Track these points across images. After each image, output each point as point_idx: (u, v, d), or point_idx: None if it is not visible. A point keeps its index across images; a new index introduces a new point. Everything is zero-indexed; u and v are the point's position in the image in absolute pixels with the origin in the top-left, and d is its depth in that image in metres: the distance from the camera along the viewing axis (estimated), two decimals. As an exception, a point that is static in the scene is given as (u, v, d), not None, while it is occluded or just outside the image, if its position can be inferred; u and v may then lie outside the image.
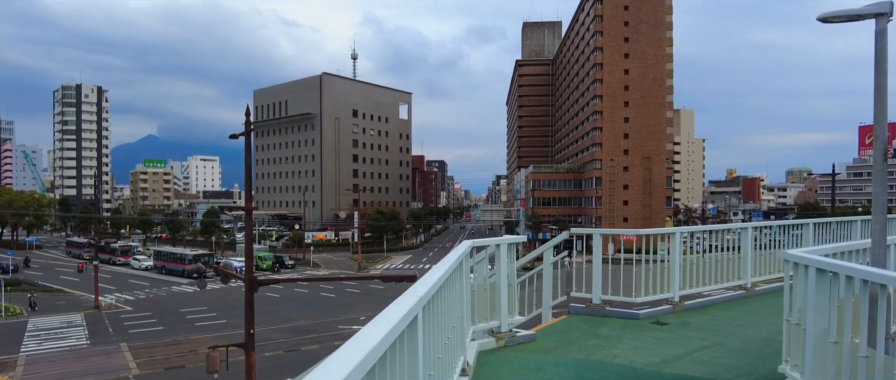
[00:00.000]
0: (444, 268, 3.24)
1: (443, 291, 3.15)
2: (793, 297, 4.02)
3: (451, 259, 3.67)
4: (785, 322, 4.13)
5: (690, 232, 7.36)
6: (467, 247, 4.59)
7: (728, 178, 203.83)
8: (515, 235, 6.17)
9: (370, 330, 1.66)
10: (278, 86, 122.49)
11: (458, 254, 4.02)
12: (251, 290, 15.18)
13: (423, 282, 2.64)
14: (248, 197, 15.01)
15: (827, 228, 8.80)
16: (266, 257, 64.84)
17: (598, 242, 6.80)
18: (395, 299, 2.25)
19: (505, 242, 5.65)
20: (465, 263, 4.42)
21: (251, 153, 15.05)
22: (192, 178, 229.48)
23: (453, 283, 3.69)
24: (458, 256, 3.93)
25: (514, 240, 5.87)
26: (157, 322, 36.03)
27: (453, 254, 3.98)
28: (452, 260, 3.64)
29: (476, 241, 5.16)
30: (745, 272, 7.71)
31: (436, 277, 2.85)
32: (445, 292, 3.28)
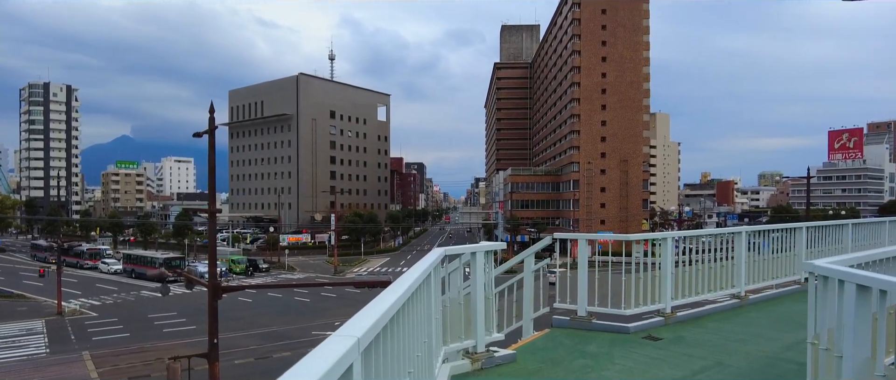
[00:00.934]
0: (405, 285, 2.70)
1: (402, 315, 2.59)
2: (818, 315, 3.47)
3: (415, 273, 3.13)
4: (810, 346, 3.60)
5: (683, 237, 6.81)
6: (437, 256, 4.04)
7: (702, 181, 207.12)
8: (493, 242, 5.52)
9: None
10: (254, 86, 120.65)
11: (424, 266, 3.46)
12: (214, 297, 14.44)
13: (367, 312, 2.07)
14: (212, 199, 14.30)
15: (820, 232, 8.40)
16: (239, 261, 63.48)
17: (583, 249, 6.24)
18: (326, 340, 1.67)
19: (481, 249, 5.02)
20: (433, 275, 3.85)
21: (214, 153, 14.34)
22: (166, 179, 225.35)
23: (416, 303, 3.08)
24: (425, 270, 3.35)
25: (491, 247, 5.25)
26: (123, 329, 34.76)
27: (420, 265, 3.45)
28: (416, 275, 3.09)
29: (448, 248, 4.58)
30: (739, 280, 7.22)
31: (389, 300, 2.29)
32: (406, 316, 2.72)
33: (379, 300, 2.28)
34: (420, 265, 3.44)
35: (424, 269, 3.37)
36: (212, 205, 14.39)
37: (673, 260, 6.39)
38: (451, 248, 4.62)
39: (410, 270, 3.30)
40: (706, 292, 6.83)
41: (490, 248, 5.20)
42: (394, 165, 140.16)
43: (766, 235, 7.77)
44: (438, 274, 4.07)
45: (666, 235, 6.46)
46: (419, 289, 3.15)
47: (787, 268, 7.92)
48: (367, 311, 2.06)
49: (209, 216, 14.62)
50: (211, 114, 14.26)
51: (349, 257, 79.19)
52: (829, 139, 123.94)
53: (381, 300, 2.28)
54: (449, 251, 4.51)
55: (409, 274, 3.06)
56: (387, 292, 2.50)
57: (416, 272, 3.14)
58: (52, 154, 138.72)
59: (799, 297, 7.71)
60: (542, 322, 6.52)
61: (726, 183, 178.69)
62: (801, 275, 8.03)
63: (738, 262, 7.17)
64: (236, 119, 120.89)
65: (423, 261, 3.68)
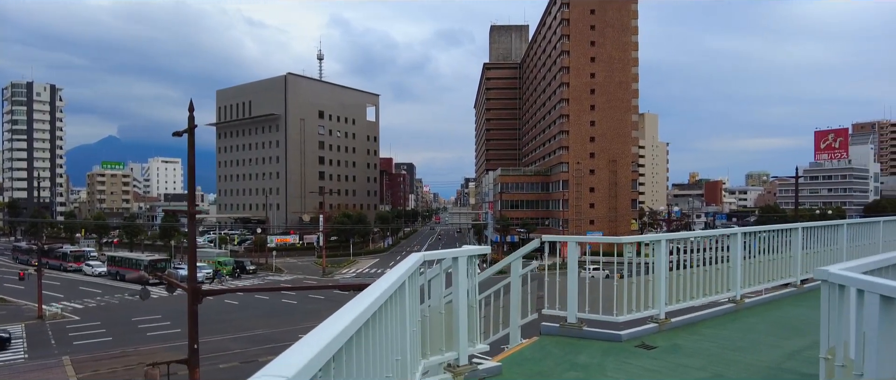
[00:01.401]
0: (370, 298, 2.36)
1: (366, 333, 2.24)
2: (832, 328, 3.19)
3: (385, 283, 2.81)
4: (823, 361, 3.31)
5: (677, 238, 6.48)
6: (414, 263, 3.70)
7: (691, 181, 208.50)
8: (478, 246, 5.15)
9: None
10: (242, 86, 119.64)
11: (398, 274, 3.11)
12: (195, 301, 14.02)
13: (309, 341, 1.62)
14: (191, 200, 13.88)
15: (815, 232, 8.13)
16: (226, 262, 62.73)
17: (573, 252, 5.85)
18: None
19: (463, 254, 4.63)
20: (409, 284, 3.51)
21: (194, 152, 13.92)
22: (153, 180, 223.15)
23: (386, 316, 2.72)
24: (397, 278, 3.01)
25: (475, 251, 4.82)
26: (105, 332, 34.08)
27: (393, 274, 3.12)
28: (386, 285, 2.76)
29: (427, 254, 4.23)
30: (735, 283, 6.90)
31: (344, 321, 1.89)
32: (372, 333, 2.38)
33: (331, 322, 1.89)
34: (393, 273, 3.11)
35: (397, 277, 3.04)
36: (191, 206, 13.97)
37: (667, 263, 6.07)
38: (430, 252, 4.27)
39: (381, 278, 2.98)
40: (701, 297, 6.50)
41: (474, 252, 4.81)
42: (383, 165, 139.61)
43: (760, 236, 7.46)
44: (415, 282, 3.73)
45: (659, 237, 6.10)
46: (390, 300, 2.82)
47: (782, 270, 7.66)
48: (308, 340, 1.66)
49: (188, 218, 14.20)
50: (190, 112, 13.84)
51: (338, 258, 78.58)
52: (816, 139, 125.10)
53: (333, 322, 1.90)
54: (428, 256, 4.15)
55: (378, 284, 2.74)
56: (346, 309, 2.14)
57: (386, 282, 2.80)
58: (36, 155, 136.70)
59: (795, 300, 7.47)
60: (530, 330, 6.21)
61: (714, 183, 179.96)
62: (797, 278, 7.79)
63: (734, 264, 6.85)
64: (224, 119, 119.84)
65: (397, 268, 3.36)
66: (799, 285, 7.79)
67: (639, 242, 6.06)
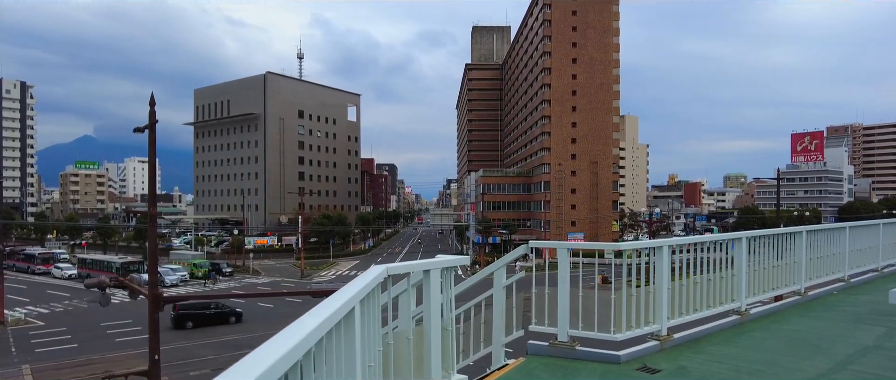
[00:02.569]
0: (305, 329, 1.77)
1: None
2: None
3: (330, 307, 2.12)
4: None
5: (678, 245, 5.79)
6: (374, 278, 2.98)
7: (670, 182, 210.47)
8: (454, 256, 4.20)
9: None
10: (220, 85, 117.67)
11: (349, 294, 2.41)
12: (155, 308, 13.18)
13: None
14: (152, 200, 13.05)
15: (818, 236, 7.59)
16: (201, 265, 61.27)
17: (564, 261, 5.13)
18: None
19: (436, 266, 3.91)
20: (364, 308, 2.74)
21: (155, 150, 13.09)
22: (130, 180, 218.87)
23: (329, 353, 2.09)
24: (346, 302, 2.29)
25: (450, 262, 4.11)
26: (71, 339, 32.74)
27: (343, 294, 2.43)
28: (331, 311, 2.07)
29: (393, 266, 3.47)
30: (740, 293, 6.26)
31: (262, 365, 1.39)
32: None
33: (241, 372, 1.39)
34: (344, 294, 2.42)
35: (343, 302, 2.34)
36: (152, 207, 13.13)
37: (669, 273, 5.40)
38: (396, 265, 3.51)
39: (327, 301, 2.30)
40: (705, 309, 5.84)
41: (449, 263, 4.09)
42: (365, 166, 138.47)
43: (763, 241, 6.84)
44: (374, 304, 3.03)
45: (661, 243, 5.41)
46: (334, 332, 2.14)
47: (787, 277, 7.10)
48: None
49: (149, 219, 13.36)
50: (151, 107, 13.01)
51: (317, 260, 77.45)
52: (792, 142, 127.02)
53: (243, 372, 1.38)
54: (394, 270, 3.43)
55: (318, 312, 2.05)
56: (260, 353, 1.58)
57: (332, 306, 2.13)
58: (6, 154, 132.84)
59: (803, 311, 6.88)
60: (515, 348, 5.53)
61: (693, 185, 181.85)
62: (801, 285, 7.25)
63: (739, 272, 6.21)
64: (202, 118, 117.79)
65: (351, 285, 2.68)
66: (803, 294, 7.26)
67: (639, 250, 5.39)
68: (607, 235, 79.60)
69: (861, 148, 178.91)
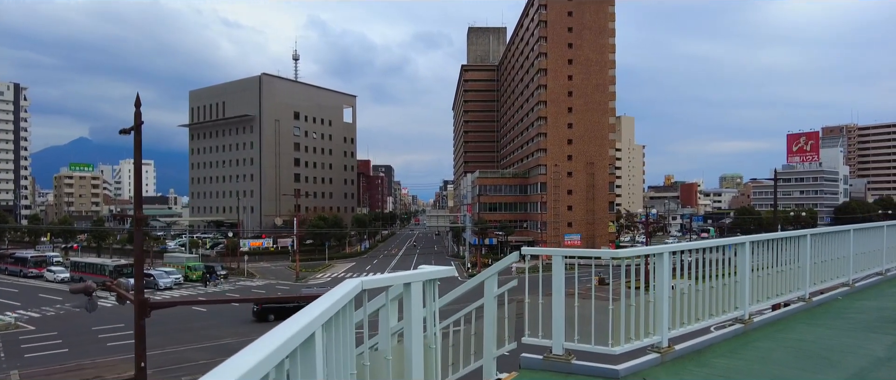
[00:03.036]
0: (259, 354, 1.55)
1: None
2: None
3: (291, 328, 1.82)
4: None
5: (679, 250, 5.46)
6: (348, 292, 2.68)
7: (666, 183, 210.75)
8: (439, 267, 3.86)
9: None
10: (216, 86, 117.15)
11: (316, 312, 2.11)
12: (141, 314, 12.85)
13: None
14: (138, 203, 12.73)
15: (823, 239, 7.29)
16: (196, 267, 60.86)
17: (559, 269, 4.80)
18: None
19: (418, 279, 3.56)
20: (339, 324, 2.50)
21: (141, 152, 12.77)
22: (125, 182, 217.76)
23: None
24: (306, 325, 1.96)
25: (433, 275, 3.77)
26: (62, 344, 32.33)
27: (312, 310, 2.14)
28: (291, 332, 1.78)
29: (369, 280, 3.11)
30: (743, 300, 5.91)
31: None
32: None
33: None
34: (312, 310, 2.13)
35: (312, 319, 2.02)
36: (138, 211, 12.82)
37: (670, 280, 5.08)
38: (373, 278, 3.18)
39: (290, 321, 2.01)
40: (708, 318, 5.52)
41: (431, 276, 3.73)
42: (361, 167, 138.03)
43: (767, 244, 6.51)
44: (345, 322, 2.72)
45: (661, 249, 5.07)
46: (292, 359, 1.84)
47: (791, 283, 6.80)
48: None
49: (135, 223, 13.04)
50: (137, 107, 12.70)
51: (313, 262, 77.05)
52: (788, 142, 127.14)
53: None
54: (370, 284, 3.09)
55: (269, 340, 1.73)
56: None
57: (285, 333, 1.81)
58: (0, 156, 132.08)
59: (809, 319, 6.56)
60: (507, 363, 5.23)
61: (690, 185, 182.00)
62: (805, 291, 6.96)
63: (742, 278, 5.89)
64: (197, 120, 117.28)
65: (315, 305, 2.38)
66: (808, 300, 6.97)
67: (638, 256, 5.07)
68: (604, 236, 79.45)
69: (856, 148, 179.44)
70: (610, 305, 4.65)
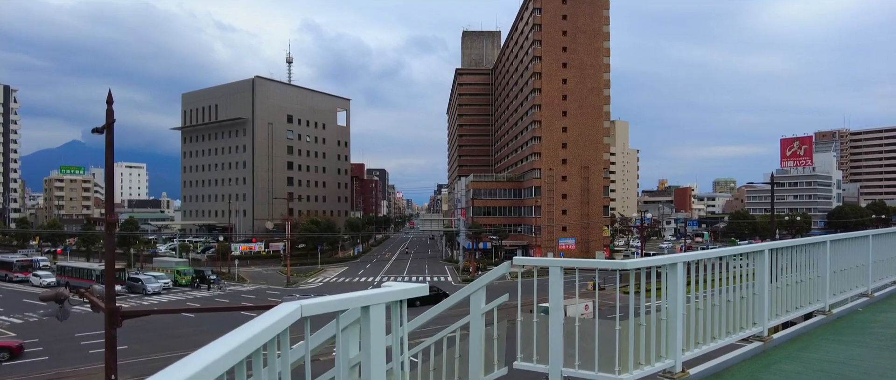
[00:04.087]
0: None
1: None
2: None
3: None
4: None
5: (694, 260, 4.72)
6: (280, 320, 2.02)
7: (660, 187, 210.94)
8: (408, 284, 3.00)
9: None
10: (208, 89, 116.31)
11: (230, 346, 1.66)
12: (112, 323, 12.15)
13: None
14: (109, 206, 12.06)
15: (842, 246, 6.66)
16: (185, 272, 59.91)
17: (556, 281, 4.11)
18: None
19: (379, 300, 2.73)
20: (268, 364, 1.93)
21: (112, 151, 12.11)
22: (117, 185, 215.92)
23: None
24: (211, 363, 1.51)
25: (399, 294, 2.91)
26: (43, 351, 31.45)
27: (224, 344, 1.69)
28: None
29: (309, 303, 2.29)
30: (761, 315, 5.23)
31: None
32: None
33: None
34: (216, 349, 1.62)
35: (210, 362, 1.50)
36: (109, 215, 12.14)
37: (684, 295, 4.36)
38: (312, 302, 2.32)
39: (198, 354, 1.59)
40: (724, 336, 4.83)
41: (397, 296, 2.90)
42: (355, 171, 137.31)
43: (785, 252, 5.84)
44: (280, 360, 2.06)
45: (674, 259, 4.35)
46: None
47: (811, 294, 6.10)
48: None
49: (106, 227, 12.35)
50: (108, 105, 12.05)
51: (305, 267, 76.23)
52: (782, 147, 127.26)
53: None
54: (311, 309, 2.27)
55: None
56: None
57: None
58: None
59: (831, 335, 5.90)
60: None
61: (684, 190, 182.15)
62: (825, 303, 6.32)
63: (761, 291, 5.21)
64: (189, 123, 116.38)
65: (237, 334, 1.81)
66: (828, 312, 6.34)
67: (646, 267, 4.28)
68: (598, 241, 78.96)
69: (848, 153, 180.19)
70: (616, 325, 3.99)
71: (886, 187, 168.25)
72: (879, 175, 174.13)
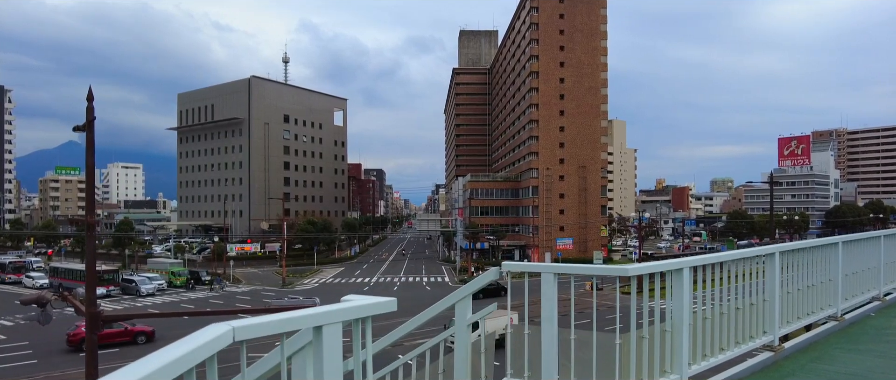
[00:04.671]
0: None
1: None
2: None
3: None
4: None
5: (701, 264, 4.14)
6: (204, 345, 1.69)
7: (658, 187, 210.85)
8: (370, 299, 2.39)
9: None
10: (204, 89, 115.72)
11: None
12: (93, 328, 11.72)
13: None
14: (90, 208, 11.64)
15: (854, 247, 6.24)
16: (180, 273, 59.40)
17: (549, 290, 3.66)
18: None
19: (333, 319, 2.22)
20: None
21: (93, 150, 11.68)
22: (113, 186, 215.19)
23: None
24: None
25: (358, 310, 2.33)
26: (32, 354, 30.99)
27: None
28: None
29: (243, 325, 1.92)
30: (772, 323, 4.78)
31: None
32: None
33: None
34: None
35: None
36: (89, 216, 11.72)
37: (691, 303, 3.91)
38: (248, 323, 1.93)
39: None
40: (733, 348, 4.37)
41: (358, 313, 2.32)
42: (352, 171, 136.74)
43: (799, 255, 5.40)
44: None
45: (680, 264, 3.91)
46: None
47: (822, 299, 5.66)
48: None
49: (87, 229, 11.93)
50: (89, 101, 11.62)
51: (301, 267, 75.73)
52: (779, 146, 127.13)
53: None
54: (244, 332, 1.88)
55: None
56: None
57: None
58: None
59: (844, 342, 5.48)
60: None
61: (681, 189, 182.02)
62: (837, 309, 5.87)
63: (771, 297, 4.77)
64: (185, 123, 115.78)
65: (150, 361, 1.47)
66: (840, 319, 5.90)
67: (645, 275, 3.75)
68: (596, 240, 78.63)
69: (846, 152, 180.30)
70: (617, 338, 3.55)
71: (883, 186, 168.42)
72: (876, 174, 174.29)
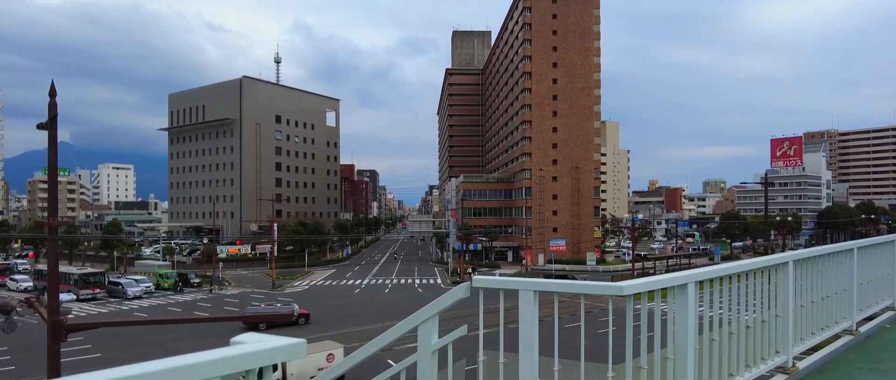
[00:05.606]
0: None
1: None
2: None
3: None
4: None
5: (709, 278, 3.48)
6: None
7: (650, 188, 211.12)
8: (274, 338, 1.82)
9: None
10: (196, 89, 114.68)
11: None
12: (56, 338, 11.06)
13: None
14: (53, 210, 11.00)
15: (869, 252, 5.67)
16: (168, 275, 58.53)
17: (530, 311, 3.01)
18: None
19: (211, 373, 1.58)
20: None
21: (56, 149, 11.04)
22: (104, 187, 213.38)
23: None
24: None
25: (252, 358, 1.72)
26: (10, 360, 30.21)
27: None
28: None
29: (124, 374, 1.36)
30: (785, 342, 4.22)
31: None
32: None
33: None
34: None
35: None
36: (52, 218, 11.07)
37: (697, 323, 3.31)
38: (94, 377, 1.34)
39: None
40: (742, 372, 3.78)
41: (249, 360, 1.71)
42: (345, 172, 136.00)
43: (814, 263, 4.79)
44: None
45: (684, 279, 3.25)
46: None
47: (837, 311, 5.08)
48: None
49: (48, 231, 11.28)
50: (51, 97, 10.98)
51: (292, 269, 74.93)
52: (772, 147, 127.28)
53: None
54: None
55: None
56: None
57: None
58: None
59: (863, 360, 4.91)
60: None
61: (674, 190, 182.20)
62: (852, 321, 5.27)
63: (785, 312, 4.21)
64: (176, 124, 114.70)
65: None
66: (855, 332, 5.28)
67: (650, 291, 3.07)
68: (589, 242, 78.28)
69: (837, 154, 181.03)
70: (610, 371, 2.90)
71: (874, 187, 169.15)
72: (867, 175, 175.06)
